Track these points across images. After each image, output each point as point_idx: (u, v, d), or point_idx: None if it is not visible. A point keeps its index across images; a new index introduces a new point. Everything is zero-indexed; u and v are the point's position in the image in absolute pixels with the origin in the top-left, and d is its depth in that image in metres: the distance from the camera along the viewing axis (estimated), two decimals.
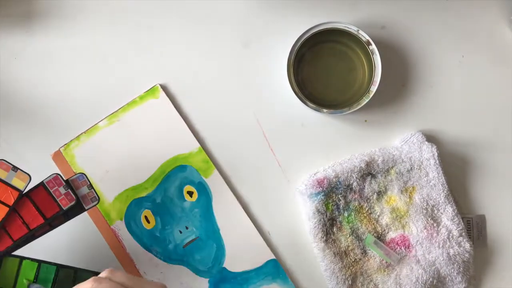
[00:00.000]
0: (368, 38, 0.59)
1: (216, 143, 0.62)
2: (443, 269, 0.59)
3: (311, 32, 0.59)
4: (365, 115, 0.62)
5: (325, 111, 0.59)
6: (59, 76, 0.62)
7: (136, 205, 0.61)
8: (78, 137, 0.61)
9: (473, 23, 0.63)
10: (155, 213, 0.61)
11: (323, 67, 0.61)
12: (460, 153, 0.62)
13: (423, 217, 0.59)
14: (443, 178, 0.60)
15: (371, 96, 0.59)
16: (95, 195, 0.53)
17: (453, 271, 0.59)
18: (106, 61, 0.62)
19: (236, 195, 0.61)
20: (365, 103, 0.59)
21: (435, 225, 0.59)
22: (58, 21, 0.62)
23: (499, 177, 0.62)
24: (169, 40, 0.62)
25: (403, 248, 0.60)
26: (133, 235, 0.60)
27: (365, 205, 0.60)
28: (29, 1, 0.62)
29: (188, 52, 0.62)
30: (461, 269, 0.59)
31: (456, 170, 0.62)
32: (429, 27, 0.63)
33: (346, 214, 0.60)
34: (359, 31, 0.59)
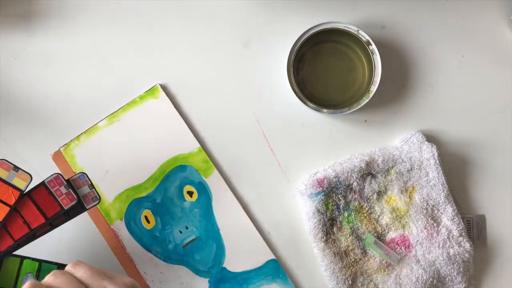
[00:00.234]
0: (368, 38, 0.59)
1: (216, 143, 0.62)
2: (443, 269, 0.59)
3: (311, 32, 0.59)
4: (365, 115, 0.62)
5: (325, 111, 0.59)
6: (59, 76, 0.62)
7: (136, 205, 0.61)
8: (78, 137, 0.61)
9: (473, 23, 0.63)
10: (155, 213, 0.61)
11: (323, 67, 0.61)
12: (460, 153, 0.62)
13: (423, 217, 0.59)
14: (443, 178, 0.60)
15: (371, 96, 0.59)
16: (96, 195, 0.53)
17: (453, 271, 0.59)
18: (106, 61, 0.62)
19: (236, 195, 0.61)
20: (365, 103, 0.59)
21: (435, 225, 0.59)
22: (58, 21, 0.62)
23: (499, 177, 0.62)
24: (169, 40, 0.62)
25: (403, 248, 0.60)
26: (133, 235, 0.60)
27: (365, 205, 0.60)
28: (29, 1, 0.62)
29: (188, 52, 0.62)
30: (461, 269, 0.59)
31: (456, 170, 0.62)
32: (429, 27, 0.63)
33: (346, 214, 0.60)
34: (359, 31, 0.59)
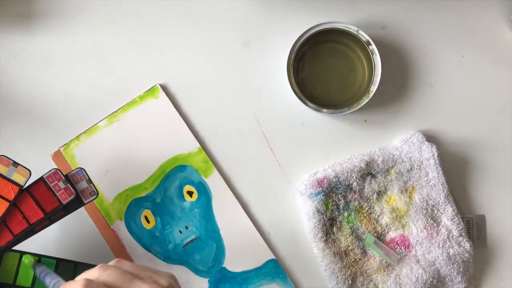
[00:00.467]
0: (368, 38, 0.59)
1: (216, 143, 0.62)
2: (443, 269, 0.59)
3: (311, 32, 0.59)
4: (365, 115, 0.62)
5: (325, 111, 0.59)
6: (59, 76, 0.62)
7: (136, 205, 0.61)
8: (78, 137, 0.61)
9: (473, 23, 0.63)
10: (155, 213, 0.61)
11: (323, 67, 0.61)
12: (460, 153, 0.62)
13: (423, 217, 0.59)
14: (443, 178, 0.60)
15: (371, 96, 0.59)
16: (94, 189, 0.54)
17: (453, 271, 0.59)
18: (106, 61, 0.62)
19: (236, 195, 0.61)
20: (365, 103, 0.59)
21: (435, 225, 0.59)
22: (58, 21, 0.62)
23: (499, 177, 0.62)
24: (169, 40, 0.62)
25: (403, 248, 0.60)
26: (133, 235, 0.60)
27: (365, 205, 0.60)
28: (29, 1, 0.62)
29: (188, 52, 0.62)
30: (461, 269, 0.59)
31: (456, 170, 0.62)
32: (429, 27, 0.63)
33: (346, 214, 0.60)
34: (359, 31, 0.59)
